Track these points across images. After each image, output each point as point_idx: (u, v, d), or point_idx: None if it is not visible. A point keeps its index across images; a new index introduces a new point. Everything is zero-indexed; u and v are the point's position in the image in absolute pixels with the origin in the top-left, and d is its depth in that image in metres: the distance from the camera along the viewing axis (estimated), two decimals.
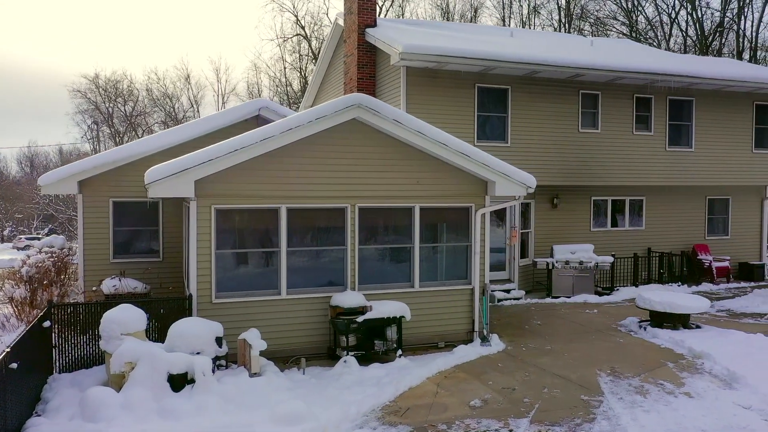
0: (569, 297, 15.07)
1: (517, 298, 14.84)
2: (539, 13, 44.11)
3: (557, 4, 42.28)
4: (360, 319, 9.26)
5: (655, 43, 36.58)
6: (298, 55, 48.98)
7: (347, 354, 9.21)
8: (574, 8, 40.49)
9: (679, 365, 9.37)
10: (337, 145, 9.79)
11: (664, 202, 17.85)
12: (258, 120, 13.09)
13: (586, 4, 40.11)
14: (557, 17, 42.46)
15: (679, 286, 16.47)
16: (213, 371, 7.91)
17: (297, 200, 9.62)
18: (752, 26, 37.01)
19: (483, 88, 15.08)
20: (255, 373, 8.19)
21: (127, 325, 7.99)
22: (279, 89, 50.91)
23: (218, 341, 8.32)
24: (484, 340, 10.46)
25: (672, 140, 17.14)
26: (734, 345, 10.13)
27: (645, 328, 11.58)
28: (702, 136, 17.41)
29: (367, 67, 15.91)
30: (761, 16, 33.56)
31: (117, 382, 7.59)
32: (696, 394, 8.00)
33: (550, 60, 14.67)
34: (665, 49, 33.65)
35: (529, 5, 44.82)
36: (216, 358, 8.29)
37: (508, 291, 14.98)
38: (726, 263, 17.45)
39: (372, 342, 9.56)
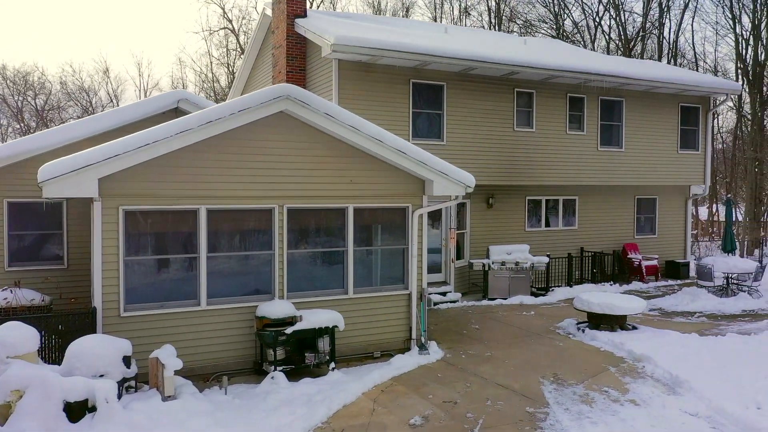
0: (505, 298, 14.80)
1: (454, 301, 14.41)
2: (470, 14, 44.40)
3: (487, 5, 42.67)
4: (289, 330, 8.47)
5: (581, 46, 37.45)
6: (225, 50, 47.26)
7: (275, 369, 8.40)
8: (503, 10, 40.94)
9: (621, 369, 9.12)
10: (264, 140, 8.94)
11: (596, 202, 17.96)
12: (176, 113, 12.00)
13: (516, 6, 40.66)
14: (487, 19, 42.85)
15: (611, 285, 16.56)
16: (119, 396, 6.93)
17: (218, 201, 8.71)
18: (671, 33, 38.62)
19: (418, 84, 14.57)
20: (169, 396, 7.25)
21: (14, 346, 6.86)
22: (205, 85, 48.95)
23: (126, 361, 7.33)
24: (422, 348, 9.89)
25: (604, 140, 17.24)
26: (672, 346, 10.01)
27: (583, 330, 11.36)
28: (632, 137, 17.62)
29: (296, 60, 15.06)
30: (680, 23, 34.95)
31: (3, 414, 6.48)
32: (642, 402, 7.71)
33: (486, 56, 14.34)
34: None
35: (460, 6, 45.08)
36: (123, 381, 7.29)
37: (444, 294, 14.54)
38: (655, 262, 17.74)
39: (302, 355, 8.79)
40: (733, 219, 18.05)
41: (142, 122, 11.60)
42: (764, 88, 34.53)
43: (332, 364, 8.84)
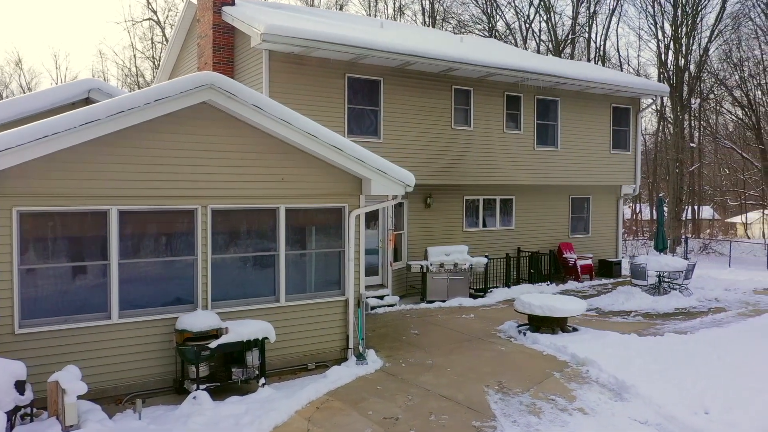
0: (444, 301, 14.40)
1: (392, 305, 13.88)
2: (404, 13, 44.21)
3: (422, 5, 42.62)
4: (213, 344, 7.65)
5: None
6: (150, 43, 45.06)
7: (197, 387, 7.56)
8: (438, 9, 40.95)
9: (566, 375, 8.82)
10: (185, 134, 8.07)
11: (532, 202, 17.90)
12: (87, 103, 10.85)
13: (450, 7, 40.74)
14: (421, 18, 42.77)
15: (548, 285, 16.49)
16: (11, 428, 5.95)
17: (132, 201, 7.78)
18: (599, 37, 39.71)
19: (354, 78, 13.95)
20: (71, 426, 6.30)
21: None
22: (129, 79, 46.54)
23: (19, 386, 6.32)
24: (360, 357, 9.28)
25: (540, 140, 17.18)
26: (614, 348, 9.84)
27: (524, 333, 11.07)
28: (567, 137, 17.66)
29: (224, 50, 14.11)
30: (608, 27, 35.91)
31: None
32: (590, 410, 7.39)
33: (424, 52, 13.89)
34: None
35: (394, 4, 44.80)
36: (16, 410, 6.29)
37: (381, 297, 13.98)
38: (589, 261, 17.86)
39: (229, 370, 7.99)
40: (665, 218, 18.43)
41: (45, 114, 10.39)
42: (684, 92, 36.04)
43: (262, 380, 8.08)
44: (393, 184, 9.45)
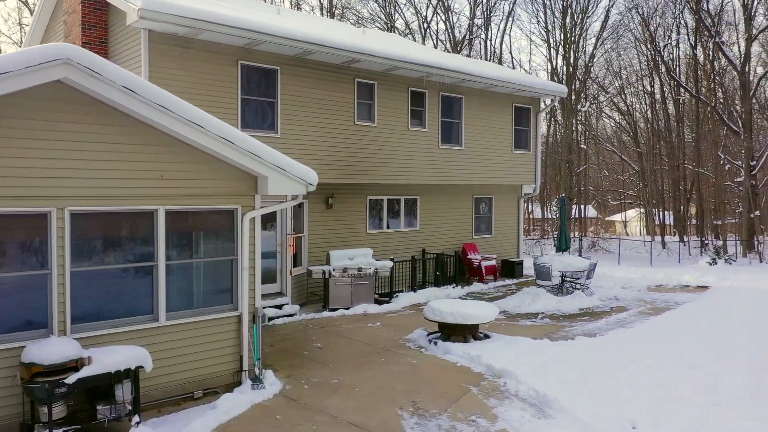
0: (348, 308, 13.47)
1: (292, 315, 12.75)
2: (301, 7, 42.86)
3: (319, 0, 41.47)
4: (71, 379, 6.20)
5: None
6: (18, 26, 40.52)
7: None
8: (336, 4, 39.99)
9: (483, 389, 8.16)
10: (34, 119, 6.54)
11: (437, 202, 17.41)
12: None
13: (348, 2, 39.91)
14: (319, 14, 41.65)
15: (453, 287, 16.03)
16: None
17: None
18: (495, 38, 40.48)
19: (249, 66, 12.67)
20: None
21: None
22: None
23: None
24: (257, 380, 8.12)
25: (444, 138, 16.70)
26: (528, 356, 9.35)
27: (435, 343, 10.36)
28: (471, 135, 17.32)
29: (95, 29, 12.32)
30: (503, 30, 36.55)
31: None
32: (514, 431, 6.73)
33: (325, 40, 12.87)
34: None
35: None
36: None
37: (280, 306, 12.81)
38: (493, 262, 17.64)
39: (94, 408, 6.56)
40: (567, 218, 18.58)
41: None
42: (572, 96, 37.53)
43: (136, 417, 6.71)
44: (293, 182, 8.37)
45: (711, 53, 36.79)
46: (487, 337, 10.72)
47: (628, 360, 9.18)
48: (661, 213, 47.12)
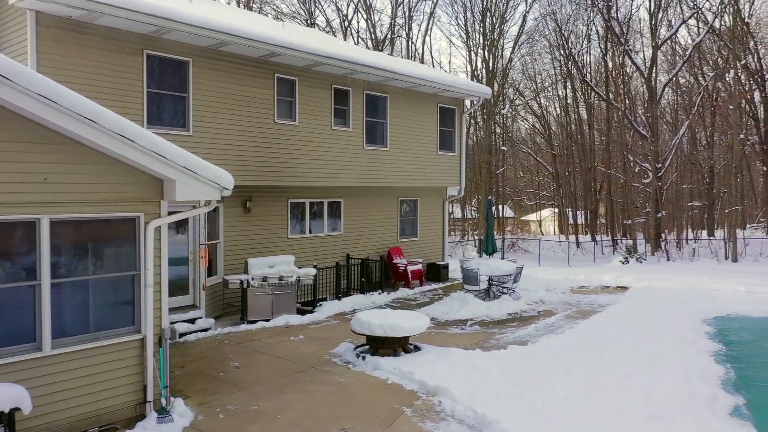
0: (269, 320, 12.55)
1: (206, 329, 11.69)
2: (218, 2, 41.03)
3: None
4: None
5: None
6: None
7: None
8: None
9: (418, 410, 7.56)
10: None
11: (362, 204, 16.75)
12: None
13: None
14: (236, 7, 39.98)
15: (379, 294, 15.41)
16: None
17: None
18: (416, 38, 40.37)
19: (156, 57, 11.50)
20: None
21: None
22: None
23: None
24: (164, 412, 7.12)
25: (369, 138, 16.06)
26: (462, 369, 8.86)
27: (363, 357, 9.68)
28: (396, 136, 16.79)
29: None
30: (425, 31, 36.44)
31: None
32: None
33: (242, 31, 11.90)
34: None
35: None
36: None
37: (193, 321, 11.71)
38: (419, 266, 17.19)
39: None
40: (494, 220, 18.40)
41: None
42: (492, 99, 38.00)
43: None
44: (205, 186, 7.43)
45: (620, 60, 38.36)
46: (417, 349, 10.16)
47: (563, 370, 8.87)
48: (573, 213, 48.87)
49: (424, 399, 7.96)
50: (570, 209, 49.84)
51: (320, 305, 13.80)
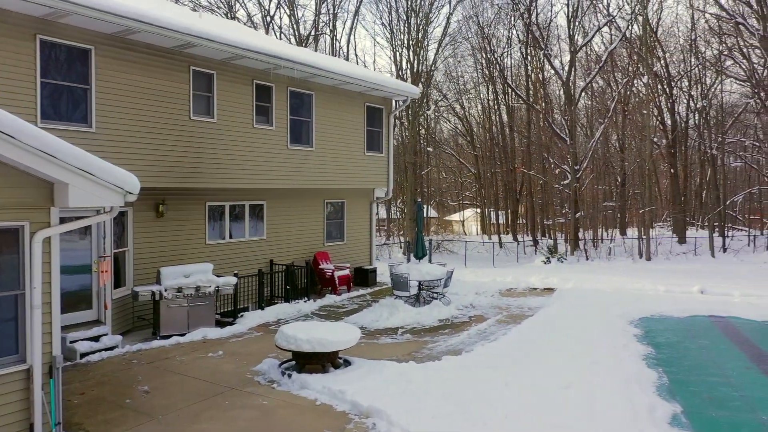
0: (184, 334, 11.52)
1: (112, 347, 10.51)
2: None
3: None
4: None
5: None
6: None
7: None
8: None
9: None
10: None
11: (286, 207, 15.89)
12: None
13: None
14: None
15: (305, 302, 14.62)
16: None
17: None
18: (341, 36, 39.63)
19: (51, 43, 10.22)
20: None
21: None
22: None
23: None
24: None
25: (294, 138, 15.24)
26: (397, 385, 8.29)
27: (289, 375, 8.91)
28: (322, 135, 16.05)
29: None
30: (350, 30, 35.89)
31: None
32: None
33: (151, 17, 10.81)
34: None
35: None
36: None
37: (97, 338, 10.51)
38: (347, 271, 16.51)
39: None
40: (424, 223, 17.99)
41: None
42: (418, 99, 37.90)
43: None
44: (106, 190, 6.46)
45: (541, 64, 39.29)
46: (348, 363, 9.49)
47: (502, 383, 8.48)
48: (495, 213, 49.79)
49: (356, 422, 7.31)
50: (492, 209, 50.75)
51: (242, 316, 12.87)
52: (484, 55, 42.24)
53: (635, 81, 36.85)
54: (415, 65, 37.93)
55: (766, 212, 43.68)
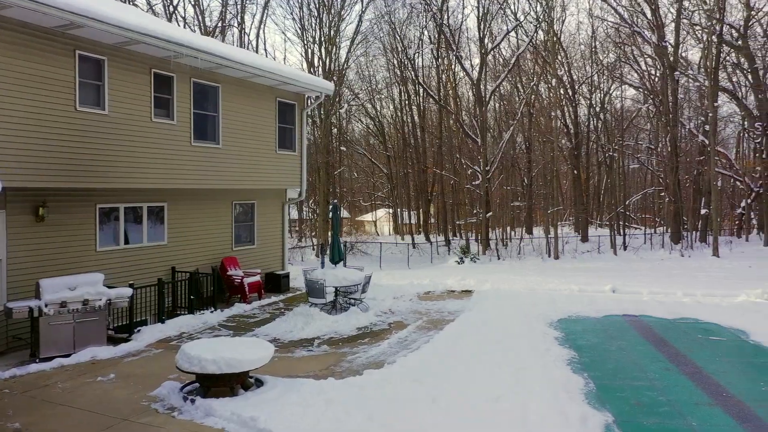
0: (69, 355, 10.11)
1: None
2: None
3: None
4: None
5: None
6: None
7: None
8: None
9: None
10: None
11: (189, 209, 14.59)
12: None
13: None
14: None
15: (211, 312, 13.44)
16: None
17: None
18: (250, 30, 38.04)
19: None
20: None
21: None
22: None
23: None
24: None
25: (198, 134, 14.01)
26: (316, 408, 7.49)
27: (193, 401, 7.87)
28: (229, 132, 14.89)
29: None
30: (260, 23, 34.47)
31: None
32: None
33: None
34: None
35: None
36: None
37: None
38: (258, 277, 15.42)
39: None
40: (340, 226, 17.18)
41: None
42: (331, 96, 37.04)
43: None
44: None
45: (454, 66, 39.59)
46: (259, 383, 8.56)
47: (429, 398, 7.87)
48: (408, 213, 49.85)
49: None
50: (405, 210, 50.79)
51: (139, 331, 11.56)
52: (396, 55, 42.10)
53: (540, 85, 37.94)
54: (327, 63, 37.08)
55: (657, 212, 46.53)
